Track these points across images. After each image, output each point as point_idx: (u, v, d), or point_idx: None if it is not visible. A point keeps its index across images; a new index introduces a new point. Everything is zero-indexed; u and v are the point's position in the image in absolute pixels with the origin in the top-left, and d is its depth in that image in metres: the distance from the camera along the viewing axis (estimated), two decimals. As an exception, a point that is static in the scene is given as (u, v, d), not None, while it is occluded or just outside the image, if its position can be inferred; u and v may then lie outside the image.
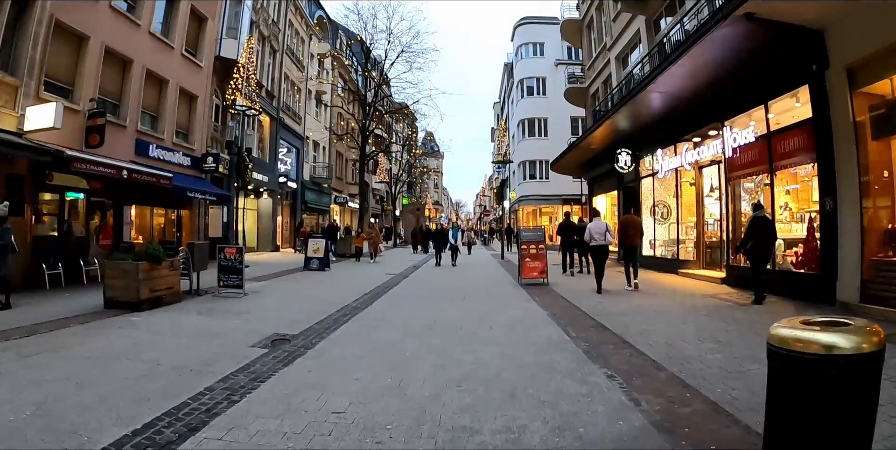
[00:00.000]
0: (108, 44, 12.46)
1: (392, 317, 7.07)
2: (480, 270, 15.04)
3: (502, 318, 6.77)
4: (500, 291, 9.62)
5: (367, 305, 8.33)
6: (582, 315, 6.84)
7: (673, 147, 12.35)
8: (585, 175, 20.78)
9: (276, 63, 24.69)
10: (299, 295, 9.63)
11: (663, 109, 11.58)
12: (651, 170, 13.87)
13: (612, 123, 13.41)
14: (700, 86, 9.73)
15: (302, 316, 7.15)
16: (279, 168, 25.05)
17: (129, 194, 13.45)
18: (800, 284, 7.85)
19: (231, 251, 10.02)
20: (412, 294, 9.48)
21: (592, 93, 20.68)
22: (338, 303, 8.38)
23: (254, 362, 4.75)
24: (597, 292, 9.01)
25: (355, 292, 9.71)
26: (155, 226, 16.04)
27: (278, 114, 24.39)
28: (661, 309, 7.13)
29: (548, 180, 33.97)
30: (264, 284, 11.46)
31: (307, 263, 14.95)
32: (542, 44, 36.22)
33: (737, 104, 9.52)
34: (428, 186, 72.69)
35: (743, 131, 9.24)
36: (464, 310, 7.51)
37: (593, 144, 15.51)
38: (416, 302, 8.41)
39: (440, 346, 5.24)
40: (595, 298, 8.47)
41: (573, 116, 32.17)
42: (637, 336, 5.42)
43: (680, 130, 11.77)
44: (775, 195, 8.59)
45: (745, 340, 5.13)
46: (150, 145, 14.50)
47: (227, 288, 9.81)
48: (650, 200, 13.93)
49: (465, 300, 8.49)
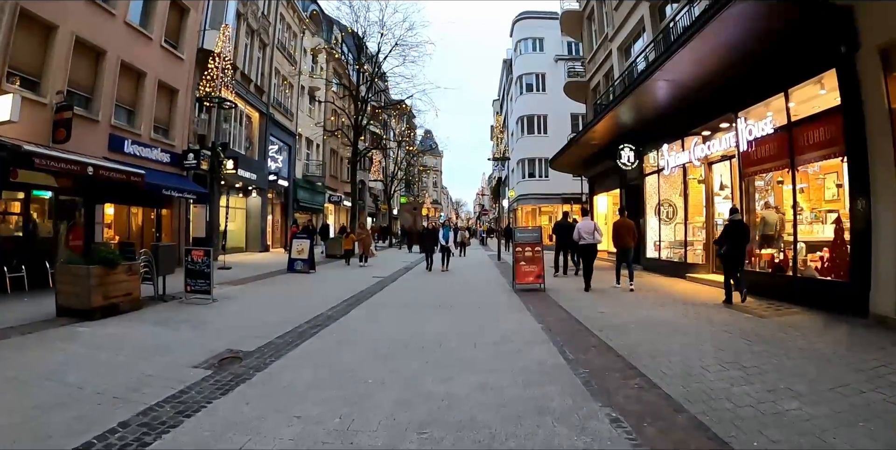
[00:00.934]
0: (79, 34, 11.68)
1: (365, 331, 6.23)
2: (473, 273, 14.10)
3: (490, 332, 5.92)
4: (491, 299, 8.76)
5: (342, 314, 7.51)
6: (581, 330, 5.98)
7: (680, 142, 11.47)
8: (586, 173, 19.88)
9: (266, 57, 23.84)
10: (272, 302, 8.80)
11: (670, 100, 10.71)
12: (656, 167, 13.00)
13: (615, 116, 12.54)
14: (711, 72, 8.86)
15: (265, 328, 6.37)
16: (269, 166, 24.22)
17: (102, 192, 12.66)
18: (826, 293, 6.98)
19: (198, 254, 9.19)
20: (395, 302, 8.63)
21: (593, 87, 19.78)
22: (311, 312, 7.59)
23: (189, 387, 4.03)
24: (584, 290, 9.42)
25: (334, 299, 8.90)
26: (133, 226, 15.25)
27: (268, 110, 23.55)
28: (672, 323, 6.27)
29: (547, 179, 33.09)
30: (240, 288, 10.65)
31: (291, 265, 14.12)
32: (542, 39, 35.33)
33: (753, 92, 8.66)
34: (427, 185, 71.86)
35: (759, 123, 8.37)
36: (448, 322, 6.67)
37: (594, 140, 14.64)
38: (397, 312, 7.56)
39: (410, 372, 4.40)
40: (596, 307, 7.63)
41: (573, 112, 31.32)
42: (647, 360, 4.56)
43: (688, 122, 10.90)
44: (797, 192, 7.74)
45: (776, 366, 4.29)
46: (125, 141, 13.70)
47: (194, 294, 9.02)
48: (655, 199, 13.07)
49: (452, 310, 7.63)
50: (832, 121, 6.95)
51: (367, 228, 17.65)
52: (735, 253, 7.56)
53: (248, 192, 22.59)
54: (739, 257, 7.64)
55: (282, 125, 25.56)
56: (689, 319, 6.48)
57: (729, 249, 7.57)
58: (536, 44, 35.50)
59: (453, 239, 16.07)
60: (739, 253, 7.61)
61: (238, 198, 22.45)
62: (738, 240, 7.58)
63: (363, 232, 16.90)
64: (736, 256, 7.57)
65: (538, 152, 32.78)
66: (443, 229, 15.07)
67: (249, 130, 22.74)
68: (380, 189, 38.36)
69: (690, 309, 7.22)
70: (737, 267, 7.65)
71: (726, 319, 6.43)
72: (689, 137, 11.07)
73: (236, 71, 20.06)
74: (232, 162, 18.33)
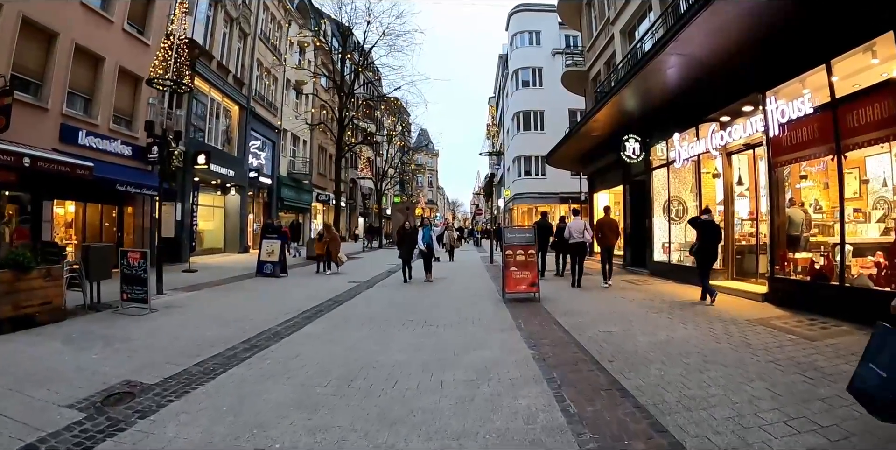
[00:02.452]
0: (27, 14, 10.49)
1: (308, 356, 4.88)
2: (459, 279, 12.52)
3: (466, 363, 4.55)
4: (475, 312, 7.36)
5: (292, 330, 6.18)
6: (585, 360, 4.61)
7: (694, 130, 10.14)
8: (585, 169, 18.49)
9: (247, 48, 22.46)
10: (220, 313, 7.44)
11: (682, 81, 9.40)
12: (665, 159, 11.68)
13: (618, 102, 11.22)
14: (734, 43, 7.54)
15: (193, 349, 5.16)
16: (251, 162, 22.86)
17: (53, 188, 11.42)
18: (883, 306, 5.64)
19: (134, 257, 7.86)
20: (360, 315, 7.26)
21: (593, 76, 18.41)
22: (258, 326, 6.33)
23: (39, 442, 2.94)
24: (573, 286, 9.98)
25: (293, 310, 7.58)
26: (89, 224, 13.87)
27: (249, 103, 22.17)
28: (701, 349, 4.90)
29: (544, 177, 31.81)
30: (193, 295, 9.32)
31: (260, 269, 12.75)
32: (539, 32, 34.08)
33: (785, 67, 7.34)
34: (422, 185, 70.49)
35: (794, 102, 7.04)
36: (416, 344, 5.30)
37: (595, 131, 13.31)
38: (357, 329, 6.19)
39: (339, 433, 3.05)
40: (601, 323, 6.28)
41: (571, 108, 30.08)
42: (682, 415, 3.20)
43: (703, 107, 9.58)
44: (844, 183, 6.42)
45: (865, 424, 2.93)
46: (79, 131, 12.39)
47: (132, 302, 7.73)
48: (663, 196, 11.74)
49: (425, 327, 6.25)
50: (891, 95, 5.64)
51: (333, 231, 14.59)
52: (712, 254, 7.93)
53: (226, 189, 21.22)
54: (711, 256, 7.95)
55: (264, 120, 24.20)
56: (722, 342, 5.11)
57: (699, 248, 7.87)
58: (533, 37, 34.25)
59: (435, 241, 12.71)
60: (711, 252, 7.93)
61: (216, 196, 21.09)
62: (709, 239, 7.87)
63: (328, 234, 14.04)
64: (707, 255, 7.86)
65: (535, 149, 31.48)
66: (423, 230, 11.98)
67: (228, 125, 21.36)
68: (371, 188, 36.99)
69: (719, 327, 5.84)
70: (707, 268, 7.85)
71: (767, 342, 5.06)
72: (705, 125, 9.75)
73: (212, 60, 18.77)
74: (203, 156, 17.04)
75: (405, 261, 11.67)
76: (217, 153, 19.41)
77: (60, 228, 13.01)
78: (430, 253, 11.99)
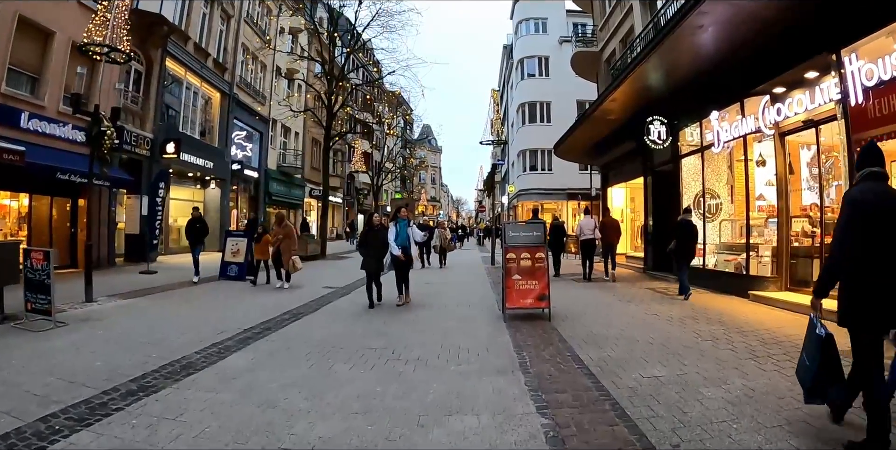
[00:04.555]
0: None
1: (191, 416, 3.13)
2: (452, 284, 10.65)
3: (434, 444, 2.83)
4: (465, 335, 5.54)
5: (210, 361, 4.52)
6: (632, 440, 2.82)
7: (738, 106, 8.34)
8: (598, 160, 16.58)
9: (230, 31, 20.76)
10: (138, 331, 5.75)
11: (723, 44, 7.62)
12: (696, 145, 9.90)
13: (640, 77, 9.44)
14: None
15: (58, 390, 3.70)
16: (234, 153, 21.17)
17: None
18: None
19: (37, 258, 6.24)
20: (312, 337, 5.49)
21: (606, 57, 16.53)
22: (171, 353, 4.78)
23: None
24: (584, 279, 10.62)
25: (233, 327, 5.92)
26: (36, 219, 12.22)
27: (231, 89, 20.47)
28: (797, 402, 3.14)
29: (551, 172, 29.98)
30: (127, 304, 7.70)
31: (223, 271, 11.07)
32: (545, 19, 32.22)
33: (867, 17, 5.57)
34: (424, 181, 68.77)
35: (886, 60, 5.28)
36: (365, 399, 3.50)
37: (611, 113, 11.50)
38: (295, 364, 4.42)
39: None
40: (645, 360, 4.52)
41: (580, 99, 28.21)
42: None
43: (750, 77, 7.79)
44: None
45: None
46: (20, 114, 10.81)
47: (36, 313, 6.14)
48: (694, 188, 9.97)
49: (389, 362, 4.45)
50: None
51: (288, 226, 10.08)
52: (683, 251, 8.09)
53: (205, 182, 19.55)
54: (688, 255, 8.17)
55: (251, 109, 22.51)
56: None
57: (676, 248, 8.09)
58: (539, 25, 32.40)
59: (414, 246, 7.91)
60: (688, 251, 8.15)
61: (195, 189, 19.44)
62: (685, 239, 8.10)
63: (281, 231, 9.67)
64: (684, 253, 8.08)
65: (540, 143, 29.67)
66: (395, 226, 7.72)
67: (208, 111, 19.65)
68: (369, 183, 35.19)
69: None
70: (684, 265, 8.03)
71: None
72: (753, 99, 7.95)
73: (188, 41, 17.07)
74: (173, 145, 15.37)
75: (370, 273, 7.55)
76: (193, 142, 17.74)
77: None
78: (408, 262, 7.77)
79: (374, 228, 7.87)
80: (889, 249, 2.50)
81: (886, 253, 2.50)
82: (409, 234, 7.70)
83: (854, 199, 2.63)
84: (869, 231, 2.53)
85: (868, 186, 2.67)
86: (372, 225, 7.94)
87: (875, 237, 2.52)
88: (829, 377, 2.70)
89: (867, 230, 2.53)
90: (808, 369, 2.76)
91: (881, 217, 2.53)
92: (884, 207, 2.55)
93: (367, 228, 8.29)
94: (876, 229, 2.52)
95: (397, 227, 7.68)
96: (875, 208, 2.55)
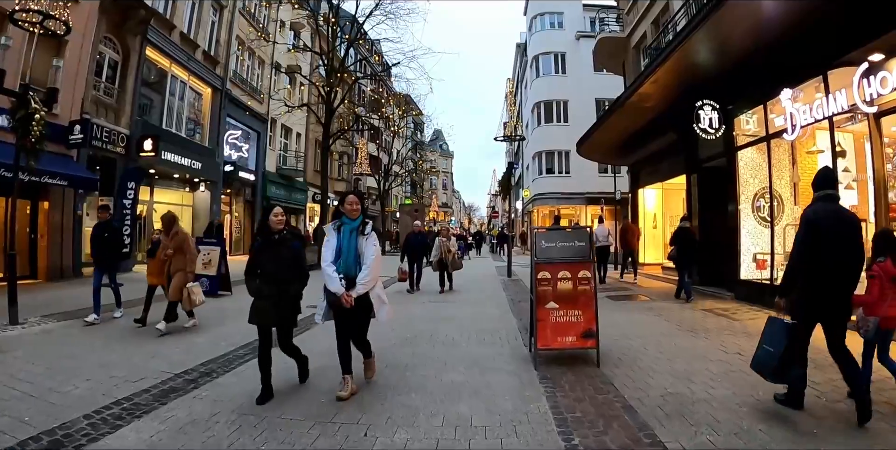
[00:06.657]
0: None
1: None
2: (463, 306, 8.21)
3: None
4: (479, 397, 3.68)
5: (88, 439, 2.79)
6: None
7: (820, 80, 6.51)
8: (626, 159, 14.62)
9: (223, 22, 19.33)
10: (34, 372, 4.10)
11: (795, 8, 5.87)
12: (756, 134, 8.09)
13: (687, 53, 7.67)
14: None
15: None
16: (228, 154, 19.69)
17: None
18: None
19: None
20: (243, 393, 3.79)
21: (635, 43, 14.72)
22: (44, 419, 3.14)
23: None
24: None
25: (151, 376, 4.23)
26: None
27: (224, 85, 19.01)
28: None
29: (568, 175, 28.11)
30: (59, 327, 6.27)
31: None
32: (561, 14, 30.48)
33: None
34: (436, 187, 67.13)
35: None
36: None
37: (648, 100, 9.71)
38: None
39: None
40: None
41: (599, 97, 26.48)
42: None
43: (837, 42, 6.00)
44: None
45: None
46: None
47: None
48: (754, 186, 8.15)
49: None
50: None
51: (181, 231, 6.50)
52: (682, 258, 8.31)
53: (195, 185, 18.03)
54: (687, 262, 8.33)
55: (247, 107, 21.06)
56: None
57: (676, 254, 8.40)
58: (554, 20, 30.68)
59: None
60: (687, 257, 8.31)
61: (184, 192, 17.95)
62: (684, 246, 8.29)
63: (170, 243, 6.34)
64: (683, 260, 8.31)
65: (557, 144, 27.87)
66: (338, 235, 3.89)
67: (196, 108, 18.15)
68: (376, 187, 33.60)
69: None
70: (684, 270, 8.27)
71: None
72: (840, 71, 6.13)
73: (173, 30, 15.62)
74: (150, 142, 13.86)
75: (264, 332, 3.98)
76: (178, 140, 16.24)
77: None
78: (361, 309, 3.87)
79: (276, 235, 3.80)
80: (836, 258, 3.08)
81: (833, 261, 3.07)
82: (359, 249, 3.83)
83: (809, 218, 3.21)
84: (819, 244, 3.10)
85: (822, 205, 3.25)
86: (270, 230, 3.80)
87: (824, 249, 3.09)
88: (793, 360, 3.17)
89: (818, 243, 3.10)
90: (773, 355, 3.21)
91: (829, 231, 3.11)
92: (831, 224, 3.13)
93: (263, 237, 3.87)
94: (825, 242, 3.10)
95: (339, 235, 3.86)
96: (827, 226, 3.12)
